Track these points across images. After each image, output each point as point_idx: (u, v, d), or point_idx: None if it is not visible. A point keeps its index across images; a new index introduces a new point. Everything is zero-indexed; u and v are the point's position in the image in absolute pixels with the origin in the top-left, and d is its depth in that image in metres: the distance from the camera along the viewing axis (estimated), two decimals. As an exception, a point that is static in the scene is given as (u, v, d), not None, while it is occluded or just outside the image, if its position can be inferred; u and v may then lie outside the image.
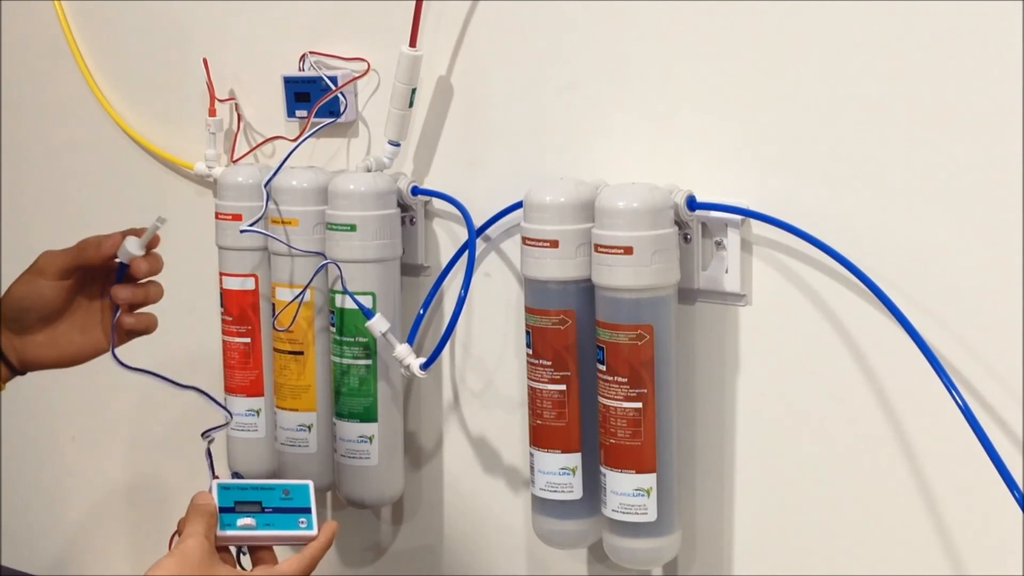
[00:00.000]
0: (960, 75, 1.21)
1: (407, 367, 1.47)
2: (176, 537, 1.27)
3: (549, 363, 1.38)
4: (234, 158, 1.68)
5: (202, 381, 1.77)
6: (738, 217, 1.34)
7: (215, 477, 1.33)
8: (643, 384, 1.32)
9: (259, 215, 1.54)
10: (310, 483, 1.30)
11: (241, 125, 1.68)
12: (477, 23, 1.49)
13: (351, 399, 1.51)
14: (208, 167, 1.69)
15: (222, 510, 1.27)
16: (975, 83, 1.21)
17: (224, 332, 1.62)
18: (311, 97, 1.57)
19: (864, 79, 1.26)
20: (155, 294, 1.40)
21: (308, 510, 1.29)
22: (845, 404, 1.31)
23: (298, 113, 1.60)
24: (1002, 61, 1.19)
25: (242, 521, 1.27)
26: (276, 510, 1.28)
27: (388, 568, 1.66)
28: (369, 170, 1.53)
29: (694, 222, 1.35)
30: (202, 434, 1.37)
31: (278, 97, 1.61)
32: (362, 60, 1.56)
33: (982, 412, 1.23)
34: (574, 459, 1.39)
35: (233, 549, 1.28)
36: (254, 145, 1.67)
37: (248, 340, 1.60)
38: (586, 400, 1.37)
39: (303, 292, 1.53)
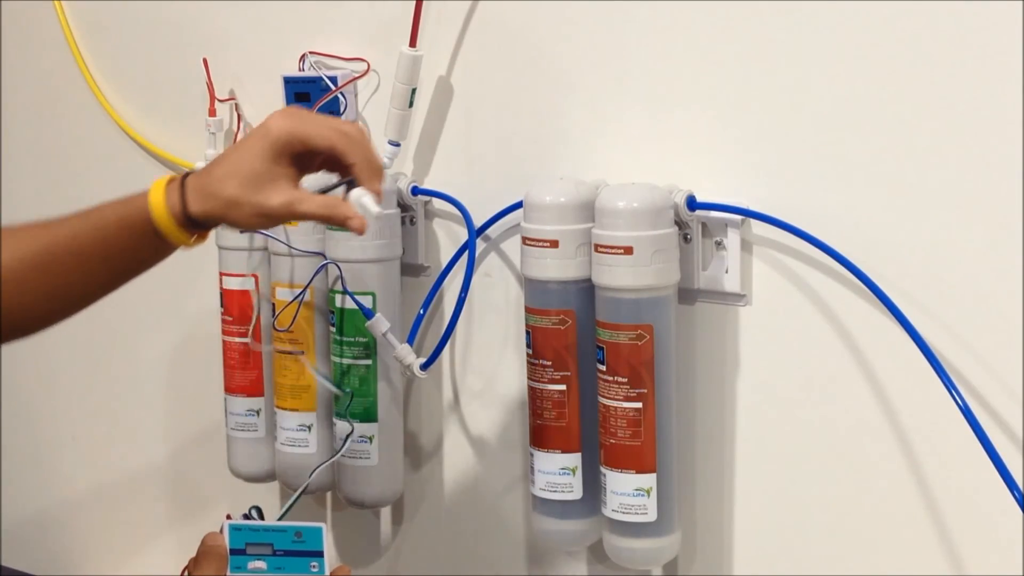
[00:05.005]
0: (960, 75, 1.21)
1: (407, 367, 1.47)
2: None
3: (549, 363, 1.38)
4: (234, 158, 1.68)
5: (202, 381, 1.78)
6: (738, 217, 1.34)
7: (227, 517, 1.32)
8: (643, 384, 1.32)
9: (259, 215, 1.54)
10: (323, 526, 1.29)
11: (241, 125, 1.68)
12: (477, 23, 1.49)
13: (351, 399, 1.51)
14: (208, 167, 1.69)
15: (233, 552, 1.26)
16: (975, 83, 1.21)
17: (224, 332, 1.62)
18: (311, 97, 1.57)
19: (864, 79, 1.26)
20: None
21: (320, 554, 1.28)
22: (845, 404, 1.31)
23: (298, 113, 1.60)
24: (1002, 61, 1.19)
25: (253, 564, 1.26)
26: (288, 553, 1.27)
27: (388, 568, 1.67)
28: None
29: (694, 222, 1.35)
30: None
31: (278, 97, 1.61)
32: (362, 60, 1.56)
33: (982, 412, 1.23)
34: (574, 459, 1.39)
35: None
36: (254, 145, 1.67)
37: (248, 340, 1.60)
38: (586, 400, 1.37)
39: (303, 292, 1.53)
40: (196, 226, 1.23)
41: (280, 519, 1.43)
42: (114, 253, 1.23)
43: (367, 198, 1.20)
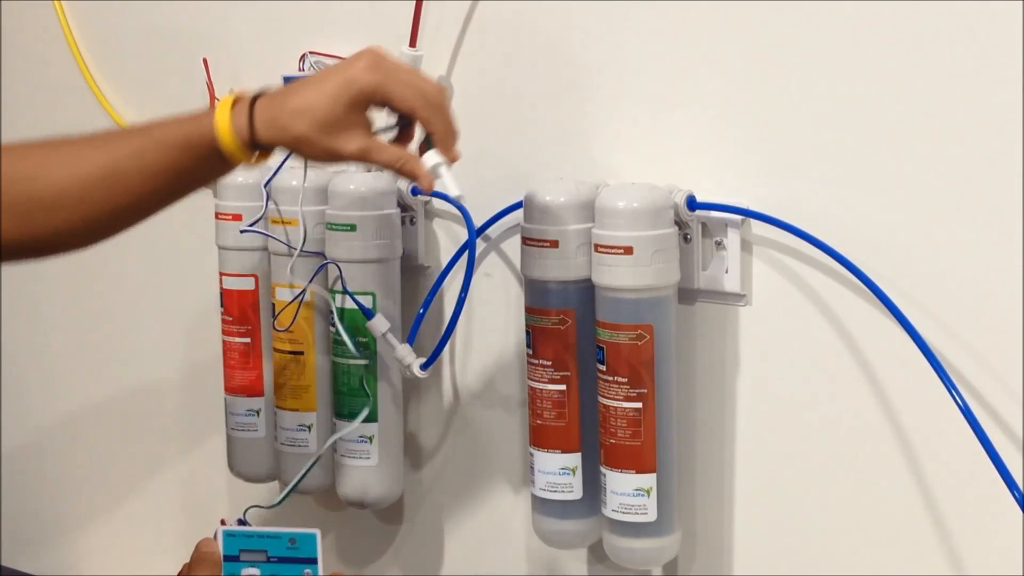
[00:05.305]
0: (960, 75, 1.21)
1: (407, 367, 1.47)
2: None
3: (549, 363, 1.38)
4: (234, 158, 1.68)
5: (202, 381, 1.78)
6: (738, 217, 1.34)
7: (222, 523, 1.31)
8: (643, 384, 1.32)
9: (259, 215, 1.54)
10: (317, 532, 1.29)
11: (241, 125, 1.68)
12: (477, 23, 1.49)
13: (351, 399, 1.51)
14: (208, 167, 1.69)
15: (226, 558, 1.26)
16: (975, 83, 1.21)
17: (224, 332, 1.62)
18: (311, 97, 1.57)
19: (864, 79, 1.26)
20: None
21: (314, 560, 1.28)
22: (845, 404, 1.31)
23: (298, 113, 1.59)
24: (1002, 61, 1.19)
25: (247, 571, 1.26)
26: (282, 559, 1.27)
27: (388, 568, 1.66)
28: (369, 170, 1.53)
29: (694, 222, 1.35)
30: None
31: (278, 97, 1.61)
32: (362, 60, 1.55)
33: (982, 412, 1.23)
34: (574, 459, 1.39)
35: None
36: (254, 145, 1.67)
37: (248, 340, 1.60)
38: (586, 400, 1.37)
39: (303, 292, 1.53)
40: (260, 148, 1.23)
41: (277, 504, 1.44)
42: (177, 171, 1.23)
43: (444, 169, 1.24)
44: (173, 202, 1.27)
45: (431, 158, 1.24)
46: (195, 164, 1.23)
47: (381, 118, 1.25)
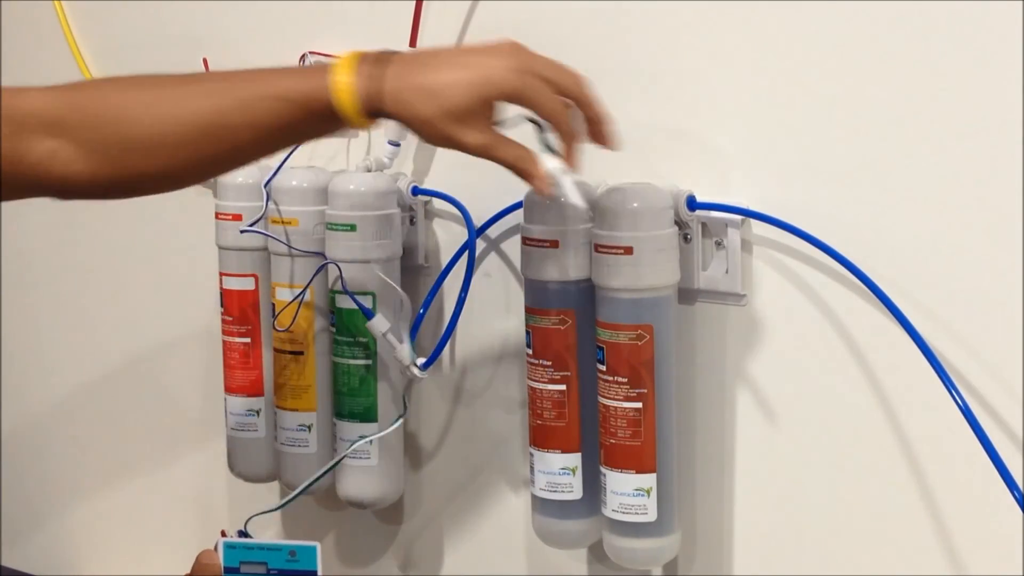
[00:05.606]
0: (960, 75, 1.21)
1: (407, 367, 1.47)
2: None
3: (549, 363, 1.37)
4: (234, 158, 1.68)
5: (202, 381, 1.78)
6: (738, 217, 1.34)
7: (222, 534, 1.32)
8: (643, 384, 1.32)
9: (259, 215, 1.54)
10: (317, 545, 1.29)
11: (241, 125, 1.68)
12: (477, 23, 1.48)
13: (351, 399, 1.51)
14: (208, 167, 1.69)
15: (227, 570, 1.26)
16: (975, 83, 1.21)
17: (224, 332, 1.62)
18: (311, 97, 1.57)
19: (865, 79, 1.26)
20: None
21: (314, 573, 1.28)
22: (845, 404, 1.31)
23: (298, 113, 1.59)
24: (1002, 61, 1.19)
25: None
26: (282, 572, 1.27)
27: (388, 568, 1.66)
28: (369, 170, 1.53)
29: (694, 222, 1.35)
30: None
31: (278, 97, 1.61)
32: (362, 60, 1.55)
33: (982, 412, 1.23)
34: (574, 459, 1.39)
35: None
36: (254, 145, 1.67)
37: (248, 340, 1.60)
38: (586, 400, 1.37)
39: (303, 292, 1.53)
40: (378, 116, 1.19)
41: (279, 508, 1.44)
42: (287, 127, 1.20)
43: (565, 176, 1.19)
44: (276, 152, 1.26)
45: (551, 161, 1.20)
46: (306, 123, 1.19)
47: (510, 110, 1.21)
